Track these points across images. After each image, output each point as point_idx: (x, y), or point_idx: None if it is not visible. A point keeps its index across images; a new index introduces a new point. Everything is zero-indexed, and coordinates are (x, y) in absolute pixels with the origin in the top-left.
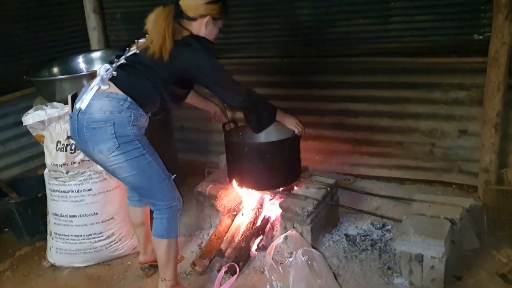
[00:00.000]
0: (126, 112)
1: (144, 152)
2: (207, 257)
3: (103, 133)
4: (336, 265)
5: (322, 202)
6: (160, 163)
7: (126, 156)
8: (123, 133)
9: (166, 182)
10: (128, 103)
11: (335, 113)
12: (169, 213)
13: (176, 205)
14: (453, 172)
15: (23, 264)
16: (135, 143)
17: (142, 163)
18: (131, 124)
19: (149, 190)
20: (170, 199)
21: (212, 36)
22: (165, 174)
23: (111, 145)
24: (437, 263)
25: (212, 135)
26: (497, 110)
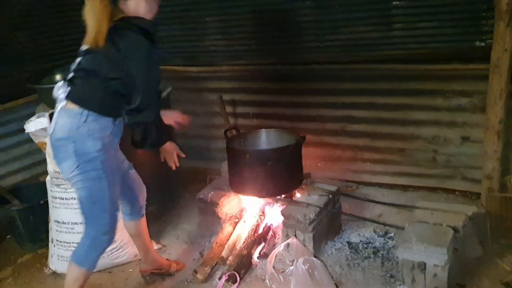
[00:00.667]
0: (84, 126)
1: (102, 176)
2: (209, 265)
3: (65, 151)
4: (339, 273)
5: (324, 209)
6: (113, 194)
7: (83, 176)
8: (84, 150)
9: (106, 214)
10: (85, 116)
11: (337, 120)
12: (91, 244)
13: (102, 239)
14: (456, 179)
15: (24, 271)
16: (95, 163)
17: (95, 187)
18: (93, 138)
19: (86, 213)
20: (100, 232)
21: (153, 13)
22: (110, 206)
23: (71, 164)
24: (440, 271)
25: (214, 141)
26: (499, 117)
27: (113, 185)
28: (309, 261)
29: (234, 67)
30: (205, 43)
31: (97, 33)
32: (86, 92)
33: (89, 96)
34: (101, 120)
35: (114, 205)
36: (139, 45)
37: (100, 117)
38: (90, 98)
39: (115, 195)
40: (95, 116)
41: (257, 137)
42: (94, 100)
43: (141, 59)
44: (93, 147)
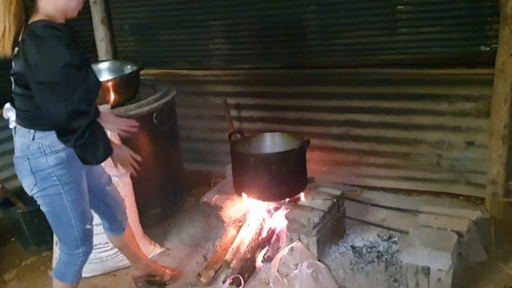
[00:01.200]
0: (34, 144)
1: (61, 191)
2: (213, 268)
3: (22, 169)
4: (342, 277)
5: (328, 213)
6: (77, 208)
7: (42, 193)
8: (39, 167)
9: (74, 229)
10: (31, 134)
11: (341, 124)
12: (67, 259)
13: (77, 253)
14: (460, 183)
15: (29, 273)
16: (52, 179)
17: (55, 203)
18: (45, 154)
19: (54, 229)
20: (72, 247)
21: (71, 7)
22: (77, 221)
23: (30, 182)
24: (444, 276)
25: (218, 145)
26: (504, 122)
27: (78, 199)
28: (313, 264)
29: (238, 71)
30: (210, 47)
31: (2, 41)
32: (22, 112)
33: (28, 114)
34: (48, 134)
35: (82, 219)
36: (38, 45)
37: (46, 133)
38: (29, 115)
39: (82, 208)
40: (41, 132)
41: (261, 141)
42: (33, 117)
43: (35, 63)
44: (46, 164)
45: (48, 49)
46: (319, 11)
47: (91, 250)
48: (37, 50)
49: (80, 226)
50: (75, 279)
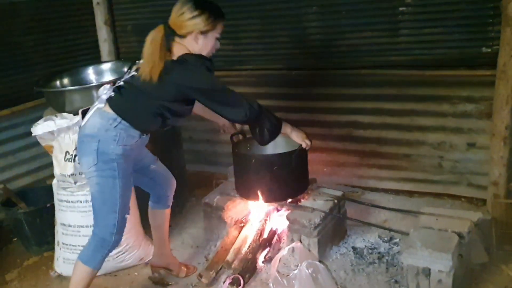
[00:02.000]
0: (113, 131)
1: (117, 177)
2: (214, 269)
3: (88, 147)
4: (343, 278)
5: (329, 214)
6: (124, 196)
7: (98, 173)
8: (105, 151)
9: (115, 215)
10: (117, 123)
11: (343, 125)
12: (98, 243)
13: (108, 241)
14: (462, 185)
15: (30, 274)
16: (112, 165)
17: (108, 186)
18: (117, 143)
19: (96, 211)
20: (107, 233)
21: (208, 50)
22: (120, 209)
23: (91, 160)
24: (445, 277)
25: (220, 146)
26: (506, 123)
27: (126, 189)
28: (313, 265)
29: (240, 72)
30: None
31: (152, 70)
32: (127, 104)
33: (129, 107)
34: (130, 130)
35: (124, 208)
36: (199, 79)
37: (130, 128)
38: (129, 109)
39: (127, 199)
40: (126, 125)
41: None
42: (132, 113)
43: (206, 92)
44: (114, 151)
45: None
46: (321, 12)
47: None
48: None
49: (121, 214)
50: (99, 266)
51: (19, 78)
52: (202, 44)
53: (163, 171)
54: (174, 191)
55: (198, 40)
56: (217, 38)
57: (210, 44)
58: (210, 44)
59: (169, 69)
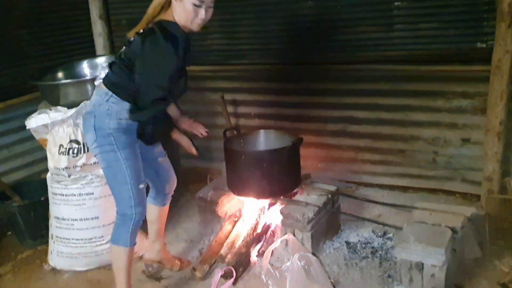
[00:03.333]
0: (105, 105)
1: (116, 150)
2: (207, 263)
3: (87, 124)
4: (336, 272)
5: (323, 209)
6: (132, 166)
7: (100, 149)
8: (101, 126)
9: (128, 187)
10: (108, 96)
11: (338, 121)
12: (121, 220)
13: (129, 214)
14: (456, 180)
15: (24, 267)
16: (109, 139)
17: (111, 159)
18: (110, 117)
19: (112, 189)
20: (126, 207)
21: (186, 17)
22: (131, 179)
23: (91, 137)
24: (438, 272)
25: (215, 141)
26: (500, 119)
27: (132, 159)
28: (305, 257)
29: (236, 67)
30: (207, 42)
31: (139, 26)
32: (116, 78)
33: (116, 81)
34: (122, 103)
35: (136, 178)
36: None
37: (121, 101)
38: (117, 83)
39: (135, 168)
40: (116, 98)
41: (256, 138)
42: (118, 85)
43: (147, 57)
44: (109, 125)
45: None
46: (316, 7)
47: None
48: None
49: (134, 184)
50: (128, 242)
51: (14, 71)
52: (179, 10)
53: (168, 168)
54: (173, 190)
55: (176, 6)
56: (195, 5)
57: (187, 11)
58: (187, 11)
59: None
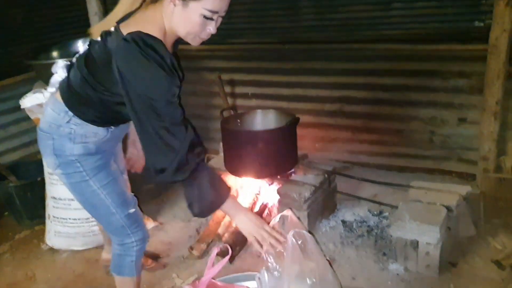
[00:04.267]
0: (65, 127)
1: (87, 179)
2: (205, 242)
3: (45, 145)
4: (332, 250)
5: (319, 188)
6: (112, 193)
7: (67, 177)
8: (62, 151)
9: (116, 217)
10: (69, 117)
11: (335, 100)
12: (120, 250)
13: (129, 243)
14: (452, 160)
15: (22, 247)
16: (75, 166)
17: (85, 190)
18: (74, 142)
19: (98, 220)
20: (123, 236)
21: (188, 27)
22: (117, 208)
23: (52, 161)
24: (432, 249)
25: (212, 122)
26: (496, 98)
27: (110, 184)
28: (300, 234)
29: (233, 46)
30: None
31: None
32: (74, 90)
33: (76, 96)
34: (87, 126)
35: (122, 204)
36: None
37: (85, 124)
38: (77, 99)
39: (117, 192)
40: (79, 120)
41: (253, 118)
42: (79, 103)
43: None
44: (71, 151)
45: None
46: None
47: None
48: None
49: (123, 212)
50: (134, 271)
51: (8, 51)
52: (179, 18)
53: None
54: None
55: (175, 11)
56: (205, 17)
57: (192, 23)
58: (193, 22)
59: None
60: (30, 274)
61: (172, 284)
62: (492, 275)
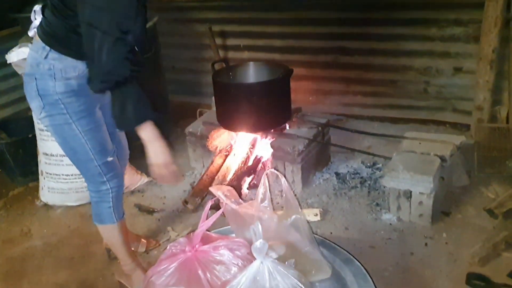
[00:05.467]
0: (45, 64)
1: (70, 122)
2: (199, 196)
3: (30, 89)
4: (326, 202)
5: (313, 141)
6: (93, 139)
7: (51, 120)
8: (46, 91)
9: (93, 163)
10: (46, 52)
11: (329, 52)
12: (96, 197)
13: (104, 190)
14: (447, 110)
15: (16, 203)
16: (59, 107)
17: (67, 133)
18: (55, 78)
19: (75, 164)
20: (98, 183)
21: None
22: (96, 154)
23: (38, 104)
24: (425, 199)
25: (204, 75)
26: (493, 46)
27: (92, 130)
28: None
29: None
30: None
31: None
32: (49, 25)
33: (51, 30)
34: (65, 60)
35: (102, 152)
36: None
37: (63, 58)
38: (52, 33)
39: (98, 139)
40: (57, 54)
41: (245, 70)
42: (55, 36)
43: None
44: (54, 88)
45: None
46: None
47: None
48: None
49: (101, 160)
50: (113, 218)
51: None
52: None
53: (122, 138)
54: (125, 168)
55: None
56: None
57: None
58: None
59: None
60: (25, 230)
61: (167, 237)
62: (484, 224)
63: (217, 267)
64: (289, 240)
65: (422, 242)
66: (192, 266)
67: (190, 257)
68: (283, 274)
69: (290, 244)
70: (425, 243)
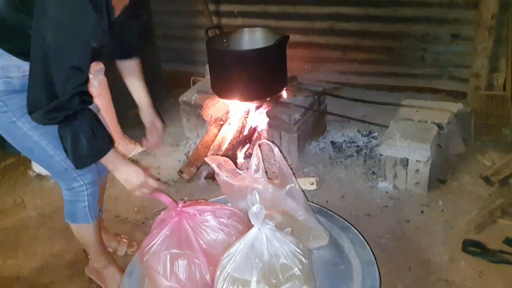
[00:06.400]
0: None
1: (14, 120)
2: (194, 165)
3: None
4: (322, 171)
5: (309, 109)
6: (47, 134)
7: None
8: None
9: (56, 159)
10: None
11: (326, 18)
12: (69, 195)
13: (78, 187)
14: (444, 78)
15: (9, 174)
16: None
17: (15, 133)
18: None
19: (40, 164)
20: (68, 180)
21: None
22: (55, 149)
23: None
24: (422, 167)
25: (197, 43)
26: (492, 12)
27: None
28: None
29: None
30: None
31: None
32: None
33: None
34: (10, 58)
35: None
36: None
37: (6, 54)
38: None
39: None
40: (0, 50)
41: (240, 37)
42: (1, 32)
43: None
44: None
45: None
46: None
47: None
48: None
49: (62, 153)
50: (89, 218)
51: None
52: None
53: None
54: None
55: None
56: None
57: None
58: None
59: None
60: (19, 201)
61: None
62: (480, 191)
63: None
64: (285, 209)
65: (418, 210)
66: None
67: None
68: (281, 240)
69: (286, 213)
70: (421, 210)
